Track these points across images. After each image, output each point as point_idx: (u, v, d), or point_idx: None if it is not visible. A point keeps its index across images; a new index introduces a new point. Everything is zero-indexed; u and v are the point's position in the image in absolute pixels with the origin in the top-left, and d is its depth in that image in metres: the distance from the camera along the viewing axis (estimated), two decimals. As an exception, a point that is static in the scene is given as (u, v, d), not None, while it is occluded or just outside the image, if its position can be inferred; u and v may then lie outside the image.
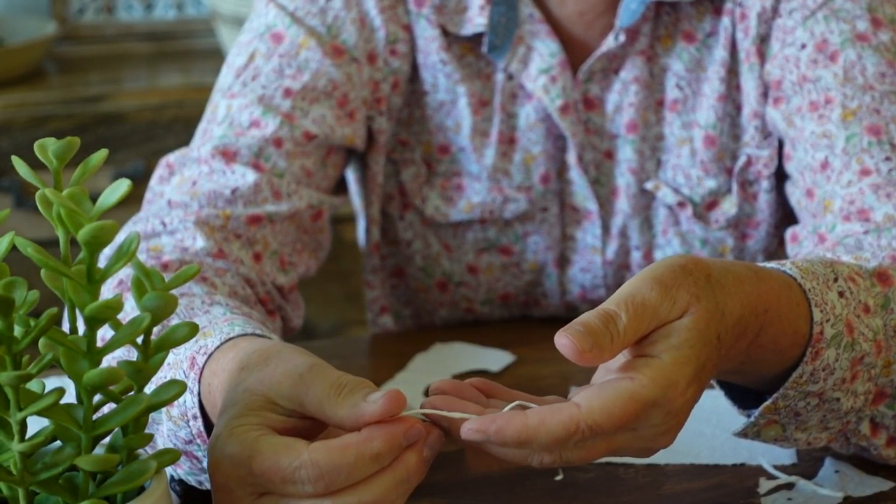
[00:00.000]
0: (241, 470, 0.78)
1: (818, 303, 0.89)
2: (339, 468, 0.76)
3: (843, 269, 0.93)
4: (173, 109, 2.40)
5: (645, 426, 0.80)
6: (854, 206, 1.11)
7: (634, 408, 0.78)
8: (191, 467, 0.93)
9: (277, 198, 1.17)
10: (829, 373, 0.90)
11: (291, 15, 1.22)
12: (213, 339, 0.89)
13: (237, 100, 1.20)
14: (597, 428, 0.78)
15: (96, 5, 2.77)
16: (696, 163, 1.26)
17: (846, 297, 0.91)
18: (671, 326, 0.81)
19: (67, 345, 0.71)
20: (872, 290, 0.93)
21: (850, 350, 0.90)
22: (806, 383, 0.89)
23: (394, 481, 0.78)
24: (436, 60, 1.25)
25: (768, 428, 0.93)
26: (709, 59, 1.24)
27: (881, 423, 0.95)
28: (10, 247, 0.74)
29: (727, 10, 1.22)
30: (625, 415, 0.78)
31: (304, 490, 0.77)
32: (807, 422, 0.92)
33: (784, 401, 0.90)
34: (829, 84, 1.16)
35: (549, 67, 1.23)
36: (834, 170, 1.14)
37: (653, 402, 0.79)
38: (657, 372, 0.79)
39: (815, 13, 1.19)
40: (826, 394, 0.90)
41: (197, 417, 0.89)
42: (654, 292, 0.82)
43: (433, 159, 1.28)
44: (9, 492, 0.73)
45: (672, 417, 0.81)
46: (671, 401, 0.80)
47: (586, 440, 0.78)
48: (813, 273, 0.91)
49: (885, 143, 1.13)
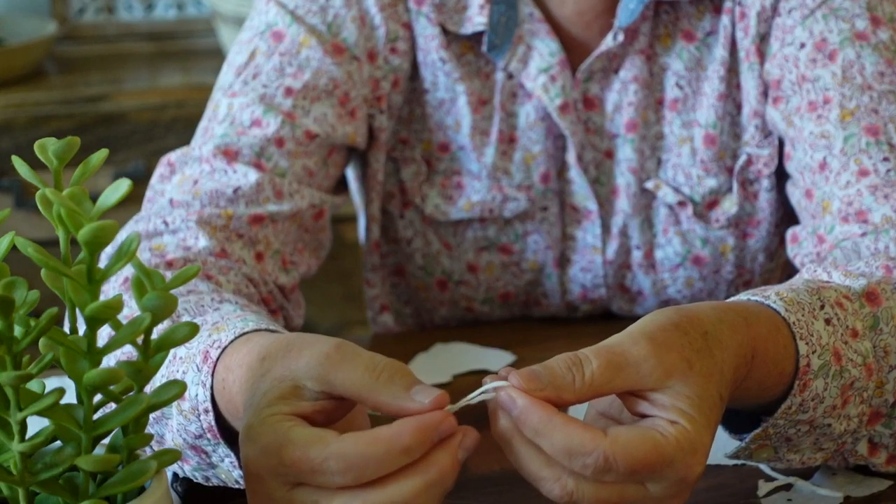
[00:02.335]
0: (273, 460, 0.78)
1: (803, 335, 0.89)
2: (367, 460, 0.76)
3: (829, 295, 0.92)
4: (174, 109, 2.40)
5: (656, 484, 0.80)
6: (852, 208, 1.11)
7: (654, 459, 0.78)
8: (199, 462, 0.93)
9: (279, 197, 1.17)
10: (819, 402, 0.89)
11: (292, 13, 1.22)
12: (227, 334, 0.89)
13: (238, 98, 1.20)
14: (612, 461, 0.78)
15: (97, 5, 2.77)
16: (696, 162, 1.26)
17: (833, 325, 0.91)
18: (674, 391, 0.81)
19: (68, 345, 0.71)
20: (861, 312, 0.93)
21: (839, 378, 0.90)
22: (795, 413, 0.89)
23: (424, 483, 0.77)
24: (435, 59, 1.25)
25: (760, 451, 0.93)
26: (709, 58, 1.24)
27: (880, 442, 0.95)
28: (10, 247, 0.74)
29: (727, 9, 1.22)
30: (644, 461, 0.78)
31: (333, 481, 0.76)
32: (799, 445, 0.92)
33: (774, 429, 0.90)
34: (828, 84, 1.16)
35: (548, 67, 1.23)
36: (832, 170, 1.14)
37: (671, 460, 0.79)
38: (683, 434, 0.79)
39: (815, 12, 1.18)
40: (816, 421, 0.90)
41: (209, 411, 0.89)
42: (638, 347, 0.81)
43: (433, 157, 1.28)
44: (9, 492, 0.73)
45: (683, 486, 0.81)
46: (689, 467, 0.80)
47: (597, 472, 0.78)
48: (798, 304, 0.90)
49: (884, 144, 1.13)
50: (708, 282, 1.30)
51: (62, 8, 2.74)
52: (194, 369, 0.89)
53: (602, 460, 0.77)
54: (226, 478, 0.93)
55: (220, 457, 0.91)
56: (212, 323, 0.93)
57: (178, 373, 0.91)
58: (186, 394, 0.89)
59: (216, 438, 0.89)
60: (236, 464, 0.90)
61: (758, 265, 1.30)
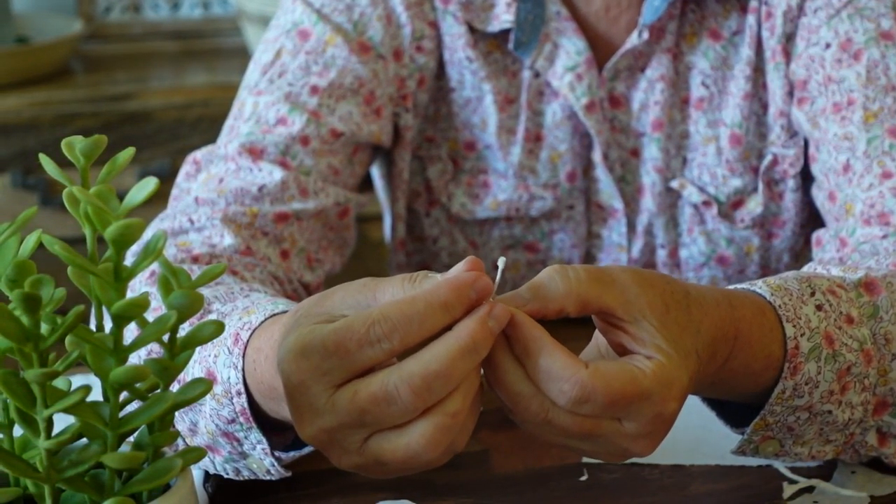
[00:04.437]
0: (315, 357, 0.77)
1: (790, 318, 0.89)
2: (409, 318, 0.76)
3: (821, 283, 0.92)
4: (199, 108, 2.40)
5: (632, 421, 0.79)
6: (874, 210, 1.11)
7: (631, 391, 0.78)
8: (230, 452, 0.93)
9: (304, 195, 1.17)
10: (814, 386, 0.89)
11: (318, 12, 1.22)
12: (257, 316, 0.90)
13: (264, 97, 1.20)
14: (590, 391, 0.77)
15: (123, 4, 2.78)
16: (721, 161, 1.25)
17: (825, 311, 0.90)
18: (651, 327, 0.80)
19: (94, 342, 0.72)
20: (858, 301, 0.92)
21: (833, 362, 0.89)
22: (791, 398, 0.89)
23: (459, 348, 0.76)
24: (462, 57, 1.25)
25: (765, 444, 0.92)
26: (735, 57, 1.24)
27: (889, 432, 0.95)
28: (37, 244, 0.74)
29: (752, 9, 1.22)
30: (621, 392, 0.77)
31: (382, 348, 0.76)
32: (803, 435, 0.92)
33: (772, 417, 0.90)
34: (852, 85, 1.16)
35: (575, 65, 1.23)
36: (855, 172, 1.14)
37: (648, 393, 0.78)
38: (659, 368, 0.79)
39: (840, 12, 1.18)
40: (815, 407, 0.90)
41: (241, 394, 0.89)
42: (626, 274, 0.81)
43: (459, 156, 1.29)
44: (35, 489, 0.73)
45: (658, 422, 0.80)
46: (664, 401, 0.79)
47: (575, 402, 0.77)
48: (786, 290, 0.90)
49: None
50: (732, 281, 1.30)
51: (88, 7, 2.74)
52: (225, 352, 0.89)
53: (579, 389, 0.76)
54: (257, 468, 0.93)
55: (252, 444, 0.91)
56: (242, 308, 0.93)
57: (210, 357, 0.91)
58: (219, 376, 0.90)
59: (249, 422, 0.89)
60: (268, 451, 0.90)
61: (783, 265, 1.30)
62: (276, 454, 0.91)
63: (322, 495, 0.98)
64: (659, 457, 1.01)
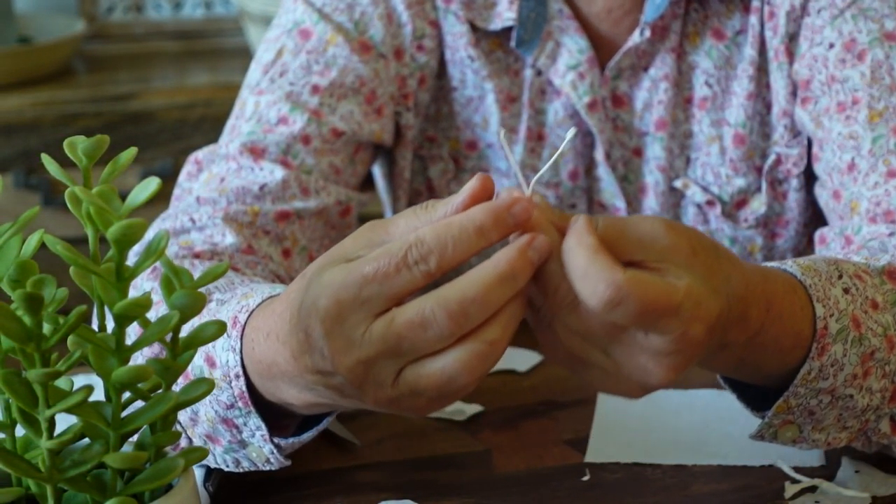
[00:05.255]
0: (353, 287, 0.77)
1: (820, 298, 0.88)
2: (444, 242, 0.76)
3: (848, 268, 0.92)
4: (201, 108, 2.41)
5: (658, 336, 0.77)
6: (880, 208, 1.11)
7: (664, 301, 0.76)
8: (230, 441, 0.93)
9: (305, 194, 1.17)
10: (839, 368, 0.89)
11: (319, 11, 1.22)
12: (255, 299, 0.90)
13: (265, 96, 1.20)
14: (624, 294, 0.75)
15: (125, 4, 2.78)
16: (725, 161, 1.25)
17: (851, 294, 0.90)
18: (678, 268, 0.78)
19: (96, 342, 0.72)
20: (882, 288, 0.93)
21: (859, 345, 0.89)
22: (815, 380, 0.89)
23: (497, 276, 0.76)
24: (464, 56, 1.25)
25: (784, 429, 0.92)
26: (738, 56, 1.24)
27: None
28: (39, 244, 0.74)
29: (754, 9, 1.22)
30: (654, 303, 0.76)
31: (420, 270, 0.76)
32: (822, 420, 0.92)
33: (795, 399, 0.90)
34: (857, 84, 1.16)
35: (577, 64, 1.23)
36: (860, 171, 1.14)
37: (678, 306, 0.76)
38: (692, 286, 0.77)
39: (844, 12, 1.18)
40: (838, 390, 0.90)
41: (239, 377, 0.89)
42: (648, 222, 0.80)
43: (461, 155, 1.29)
44: (37, 489, 0.73)
45: (683, 342, 0.78)
46: (692, 320, 0.77)
47: (607, 303, 0.75)
48: (815, 270, 0.90)
49: None
50: None
51: (90, 6, 2.75)
52: (224, 337, 0.89)
53: (614, 291, 0.75)
54: (256, 456, 0.93)
55: (251, 430, 0.91)
56: (241, 293, 0.94)
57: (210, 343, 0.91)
58: (217, 361, 0.90)
59: (247, 406, 0.89)
60: (267, 437, 0.90)
61: None
62: (275, 441, 0.91)
63: (325, 495, 0.98)
64: (661, 457, 1.01)
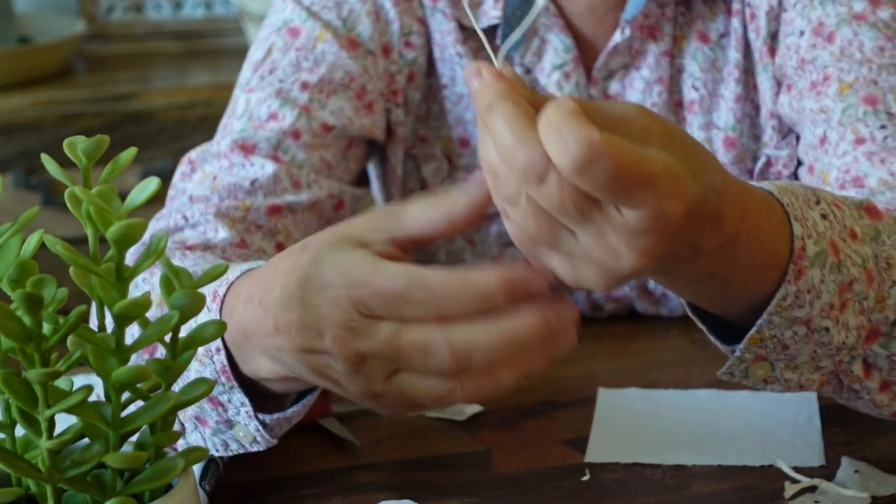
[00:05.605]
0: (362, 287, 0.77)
1: (798, 217, 0.84)
2: (446, 296, 0.75)
3: (825, 195, 0.88)
4: (201, 108, 2.41)
5: (632, 210, 0.72)
6: (849, 175, 1.08)
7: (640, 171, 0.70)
8: (217, 420, 0.93)
9: (297, 188, 1.17)
10: (816, 296, 0.85)
11: (307, 9, 1.23)
12: (234, 272, 0.90)
13: (255, 94, 1.21)
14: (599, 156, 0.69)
15: (125, 4, 2.78)
16: (717, 164, 1.25)
17: (829, 220, 0.86)
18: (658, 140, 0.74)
19: (96, 342, 0.72)
20: (861, 221, 0.89)
21: (837, 272, 0.85)
22: (791, 307, 0.85)
23: (512, 339, 0.75)
24: (452, 53, 1.25)
25: (756, 366, 0.88)
26: (723, 60, 1.24)
27: (874, 363, 0.91)
28: (39, 244, 0.74)
29: (736, 11, 1.22)
30: (629, 169, 0.70)
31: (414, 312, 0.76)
32: (796, 357, 0.88)
33: (770, 329, 0.85)
34: (826, 62, 1.15)
35: (562, 63, 1.23)
36: (831, 143, 1.12)
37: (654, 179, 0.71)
38: (671, 161, 0.72)
39: (813, 1, 1.18)
40: (814, 321, 0.86)
41: (220, 350, 0.89)
42: (623, 105, 0.76)
43: (454, 154, 1.29)
44: (37, 489, 0.73)
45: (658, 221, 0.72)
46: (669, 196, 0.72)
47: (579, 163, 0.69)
48: (792, 192, 0.86)
49: (882, 112, 1.11)
50: None
51: (90, 6, 2.75)
52: (204, 311, 0.89)
53: (588, 149, 0.68)
54: (243, 436, 0.93)
55: (236, 407, 0.91)
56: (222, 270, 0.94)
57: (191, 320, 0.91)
58: None
59: (230, 380, 0.89)
60: (252, 413, 0.90)
61: None
62: (260, 418, 0.91)
63: (324, 495, 0.98)
64: (661, 457, 1.01)
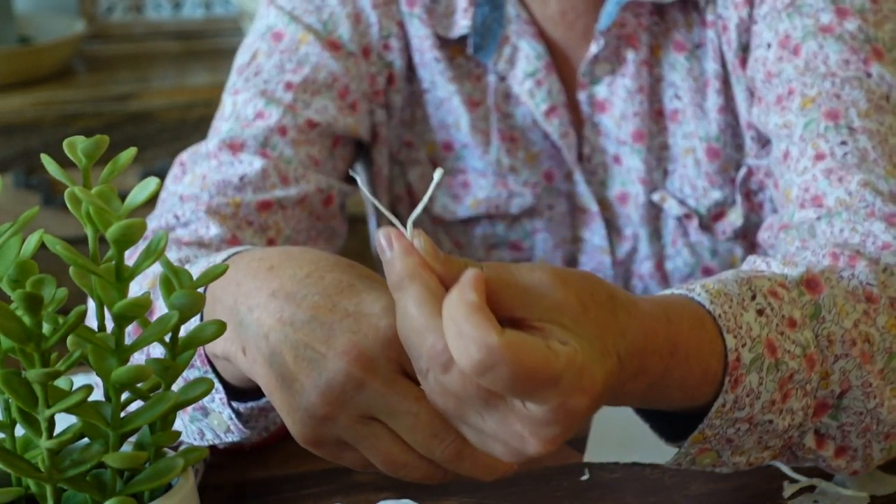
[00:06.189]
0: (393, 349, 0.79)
1: (731, 328, 0.85)
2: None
3: (762, 284, 0.88)
4: (201, 108, 2.41)
5: (534, 402, 0.73)
6: (808, 193, 1.07)
7: (542, 369, 0.70)
8: (194, 407, 0.92)
9: (285, 182, 1.17)
10: (755, 397, 0.85)
11: (290, 14, 1.24)
12: (221, 256, 0.91)
13: (241, 95, 1.22)
14: (498, 358, 0.69)
15: (125, 4, 2.78)
16: (701, 173, 1.25)
17: (766, 315, 0.86)
18: (564, 327, 0.74)
19: (96, 342, 0.72)
20: (800, 301, 0.89)
21: (775, 371, 0.85)
22: (731, 411, 0.85)
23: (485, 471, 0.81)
24: (431, 58, 1.26)
25: (702, 456, 0.89)
26: (699, 70, 1.24)
27: (826, 433, 0.91)
28: (38, 244, 0.74)
29: (710, 23, 1.22)
30: (531, 367, 0.70)
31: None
32: (742, 446, 0.88)
33: (711, 430, 0.86)
34: (791, 76, 1.14)
35: (534, 71, 1.23)
36: (793, 158, 1.11)
37: (558, 377, 0.71)
38: (574, 354, 0.72)
39: (781, 13, 1.17)
40: (756, 417, 0.86)
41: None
42: (536, 273, 0.75)
43: (438, 158, 1.29)
44: (37, 488, 0.74)
45: (562, 413, 0.73)
46: (574, 391, 0.72)
47: (479, 366, 0.70)
48: (726, 295, 0.86)
49: (843, 127, 1.09)
50: None
51: (90, 7, 2.75)
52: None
53: (486, 353, 0.69)
54: (218, 424, 0.92)
55: (211, 394, 0.90)
56: (208, 258, 0.95)
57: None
58: None
59: (204, 364, 0.90)
60: (225, 400, 0.90)
61: None
62: (233, 406, 0.91)
63: (324, 495, 0.98)
64: (661, 456, 1.01)
